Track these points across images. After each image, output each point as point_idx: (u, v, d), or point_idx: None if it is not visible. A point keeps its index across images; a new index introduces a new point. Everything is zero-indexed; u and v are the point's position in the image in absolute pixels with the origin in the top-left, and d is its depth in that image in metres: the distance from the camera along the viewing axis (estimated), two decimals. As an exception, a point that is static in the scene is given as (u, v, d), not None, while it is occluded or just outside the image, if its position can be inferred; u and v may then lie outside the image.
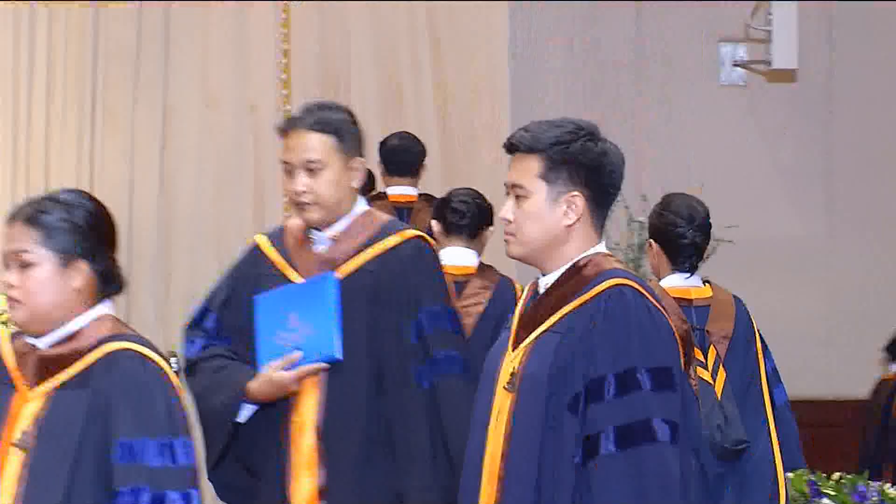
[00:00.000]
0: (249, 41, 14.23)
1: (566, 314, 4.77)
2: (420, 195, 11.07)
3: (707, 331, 7.30)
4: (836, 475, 8.13)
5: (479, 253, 8.46)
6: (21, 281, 4.64)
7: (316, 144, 6.04)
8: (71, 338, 4.77)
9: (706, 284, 7.41)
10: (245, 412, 5.88)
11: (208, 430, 6.03)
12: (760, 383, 7.33)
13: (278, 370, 5.71)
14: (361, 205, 6.34)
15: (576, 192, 4.78)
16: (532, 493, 4.70)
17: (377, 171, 11.08)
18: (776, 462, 7.11)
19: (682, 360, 4.91)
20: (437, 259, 6.58)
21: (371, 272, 6.18)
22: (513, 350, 4.90)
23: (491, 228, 8.11)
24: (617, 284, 4.75)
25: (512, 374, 4.83)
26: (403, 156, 11.37)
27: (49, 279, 4.66)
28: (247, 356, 6.05)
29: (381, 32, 14.47)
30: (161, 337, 11.09)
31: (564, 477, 4.68)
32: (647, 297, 4.82)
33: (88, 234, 4.69)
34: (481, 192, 8.85)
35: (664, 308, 4.87)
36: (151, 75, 13.97)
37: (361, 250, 6.25)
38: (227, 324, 6.15)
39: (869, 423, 13.02)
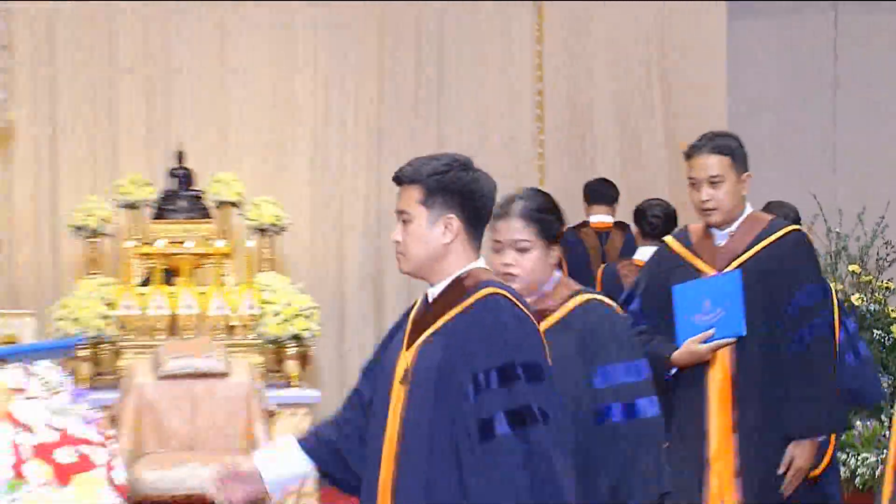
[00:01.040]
0: (512, 85, 14.92)
1: (451, 318, 5.03)
2: (615, 223, 12.32)
3: None
4: None
5: None
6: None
7: (716, 163, 6.93)
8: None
9: None
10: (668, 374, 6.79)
11: None
12: None
13: (697, 343, 6.57)
14: (748, 209, 7.18)
15: (451, 215, 5.00)
16: (424, 471, 4.92)
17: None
18: None
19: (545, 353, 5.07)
20: (811, 247, 7.35)
21: (762, 259, 6.99)
22: (406, 350, 5.12)
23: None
24: (492, 293, 5.01)
25: (405, 371, 5.08)
26: (604, 189, 12.65)
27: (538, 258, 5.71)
28: (664, 329, 6.96)
29: (620, 78, 14.98)
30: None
31: (451, 457, 4.89)
32: (516, 304, 5.07)
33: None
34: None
35: (530, 312, 5.10)
36: (428, 114, 14.84)
37: (755, 243, 7.07)
38: (647, 305, 7.05)
39: None
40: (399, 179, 5.02)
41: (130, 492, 8.13)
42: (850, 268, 12.81)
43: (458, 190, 4.96)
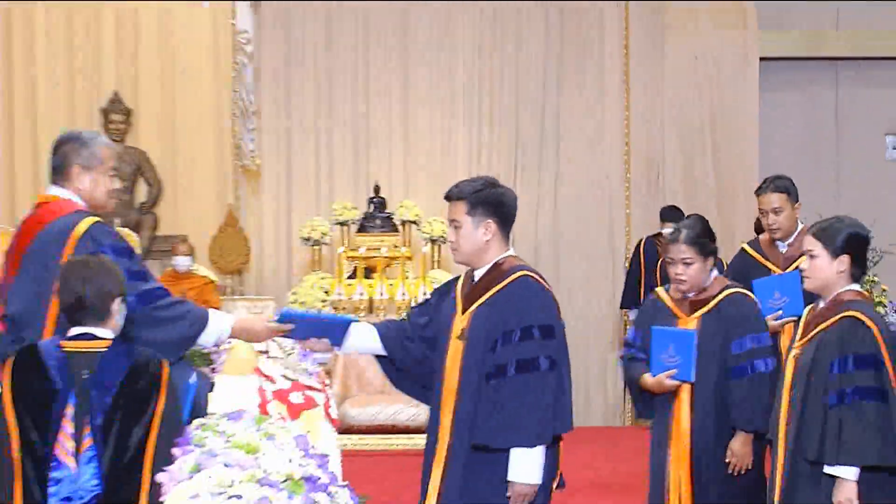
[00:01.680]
0: (607, 140, 14.58)
1: (495, 292, 5.07)
2: None
3: None
4: None
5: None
6: None
7: (776, 199, 7.09)
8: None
9: None
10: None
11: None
12: None
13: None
14: (800, 225, 7.16)
15: (489, 220, 5.06)
16: (475, 401, 4.98)
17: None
18: None
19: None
20: None
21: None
22: (462, 314, 5.14)
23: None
24: (523, 275, 5.08)
25: (462, 330, 5.08)
26: (672, 212, 12.57)
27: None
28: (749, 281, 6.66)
29: (683, 136, 14.70)
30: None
31: (485, 389, 4.96)
32: (538, 281, 5.11)
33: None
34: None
35: (550, 288, 5.12)
36: (549, 159, 14.50)
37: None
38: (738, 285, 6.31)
39: None
40: (449, 197, 5.13)
41: (340, 423, 8.06)
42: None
43: (491, 202, 5.05)
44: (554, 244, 14.37)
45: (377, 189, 13.51)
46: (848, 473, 4.58)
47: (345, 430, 10.83)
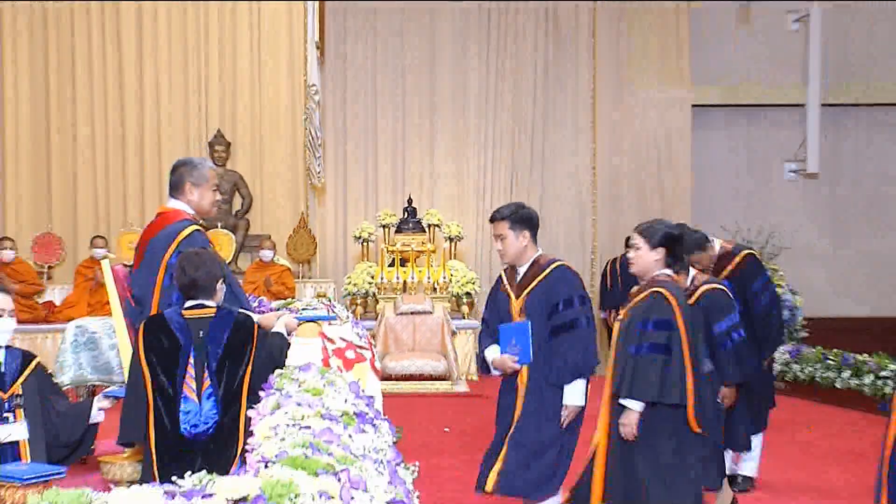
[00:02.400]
0: (579, 163, 14.41)
1: (540, 280, 5.04)
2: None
3: None
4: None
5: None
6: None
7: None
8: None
9: None
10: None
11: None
12: None
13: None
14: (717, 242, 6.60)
15: (525, 232, 5.07)
16: (541, 357, 4.97)
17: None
18: None
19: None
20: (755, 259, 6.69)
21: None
22: (516, 300, 5.10)
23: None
24: (559, 265, 5.07)
25: (520, 309, 5.07)
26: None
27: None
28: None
29: (639, 163, 14.56)
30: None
31: (545, 346, 4.97)
32: (570, 268, 5.11)
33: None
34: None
35: (575, 272, 5.10)
36: (534, 176, 14.42)
37: (721, 265, 6.51)
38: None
39: None
40: (493, 218, 5.11)
41: (381, 373, 7.32)
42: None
43: (524, 218, 5.06)
44: (541, 243, 14.12)
45: (410, 200, 13.46)
46: (634, 405, 4.56)
47: (385, 378, 10.81)
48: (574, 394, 4.92)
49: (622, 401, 4.61)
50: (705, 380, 4.86)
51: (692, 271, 5.87)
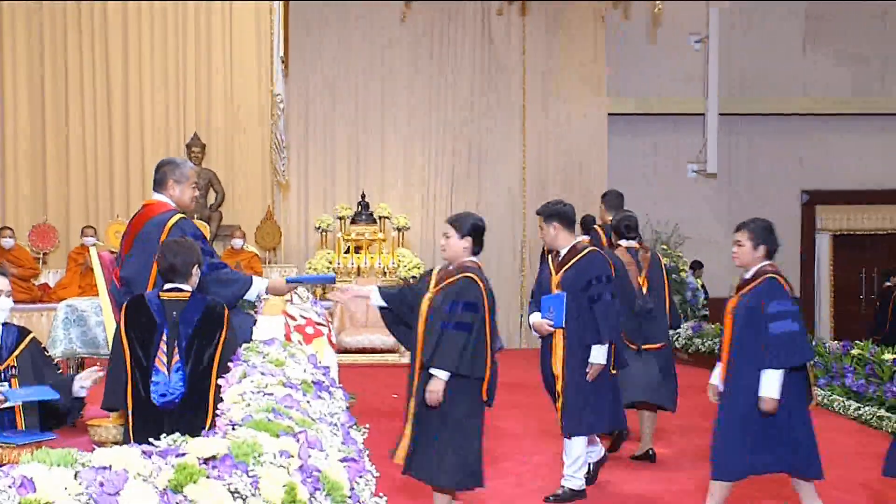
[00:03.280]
0: (511, 166, 14.39)
1: (576, 261, 5.27)
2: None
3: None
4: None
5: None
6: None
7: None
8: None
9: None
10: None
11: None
12: None
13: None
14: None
15: (555, 224, 5.26)
16: (574, 318, 5.22)
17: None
18: None
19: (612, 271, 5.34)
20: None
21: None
22: (556, 275, 5.32)
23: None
24: (592, 250, 5.30)
25: (558, 283, 5.29)
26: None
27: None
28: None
29: (564, 166, 14.60)
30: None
31: (583, 314, 5.23)
32: (602, 253, 5.37)
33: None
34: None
35: (609, 257, 5.43)
36: (473, 180, 14.46)
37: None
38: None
39: None
40: (538, 213, 5.30)
41: (338, 347, 7.62)
42: (662, 246, 12.93)
43: (559, 213, 5.27)
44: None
45: (363, 196, 13.42)
46: (440, 374, 4.45)
47: (341, 351, 10.77)
48: (598, 355, 5.24)
49: (431, 370, 4.50)
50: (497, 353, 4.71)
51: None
